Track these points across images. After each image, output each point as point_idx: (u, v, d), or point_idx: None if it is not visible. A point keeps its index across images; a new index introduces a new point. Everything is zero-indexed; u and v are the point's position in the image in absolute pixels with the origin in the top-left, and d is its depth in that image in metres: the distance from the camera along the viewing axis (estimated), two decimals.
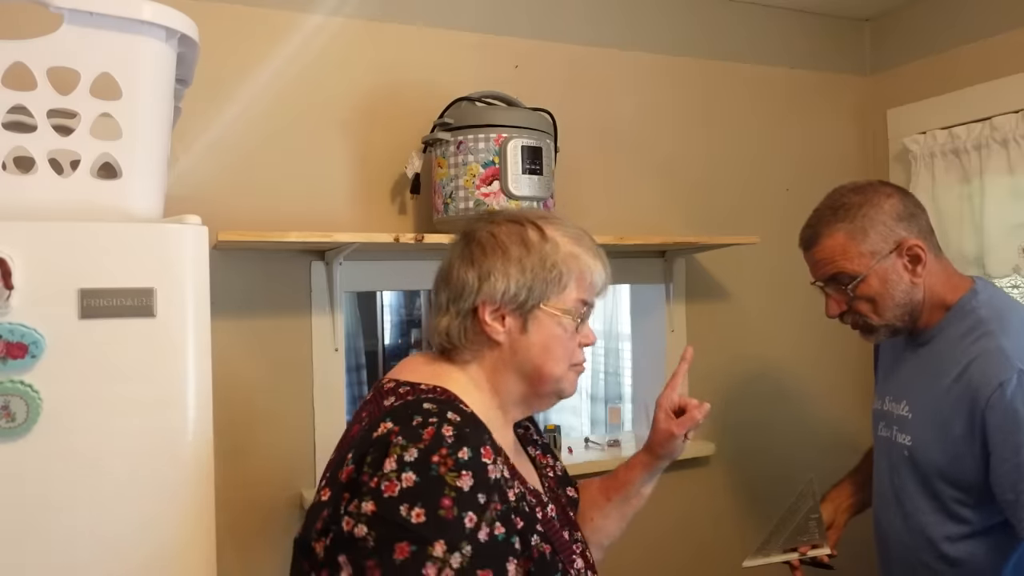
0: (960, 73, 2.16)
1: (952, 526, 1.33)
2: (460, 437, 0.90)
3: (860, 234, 1.34)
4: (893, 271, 1.33)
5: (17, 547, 0.95)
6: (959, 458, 1.29)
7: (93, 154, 1.06)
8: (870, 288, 1.34)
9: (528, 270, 1.03)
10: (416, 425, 0.91)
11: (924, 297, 1.35)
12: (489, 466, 0.90)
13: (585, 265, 1.06)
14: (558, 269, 1.04)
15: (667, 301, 2.14)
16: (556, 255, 1.05)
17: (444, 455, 0.88)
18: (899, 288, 1.34)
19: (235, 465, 1.67)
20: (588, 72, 2.07)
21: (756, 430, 2.26)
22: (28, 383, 0.96)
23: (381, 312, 5.57)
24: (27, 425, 0.96)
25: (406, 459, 0.87)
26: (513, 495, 0.96)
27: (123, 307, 1.01)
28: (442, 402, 0.97)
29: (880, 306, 1.35)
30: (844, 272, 1.35)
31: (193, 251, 1.06)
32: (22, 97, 1.01)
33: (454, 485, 0.87)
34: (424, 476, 0.86)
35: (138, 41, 1.06)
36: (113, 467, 1.00)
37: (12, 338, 0.95)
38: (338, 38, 1.81)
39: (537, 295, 1.04)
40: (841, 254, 1.35)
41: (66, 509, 0.98)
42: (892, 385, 1.48)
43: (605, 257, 1.10)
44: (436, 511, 0.85)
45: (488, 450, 0.91)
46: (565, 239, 1.06)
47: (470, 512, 0.86)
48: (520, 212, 1.12)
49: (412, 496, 0.85)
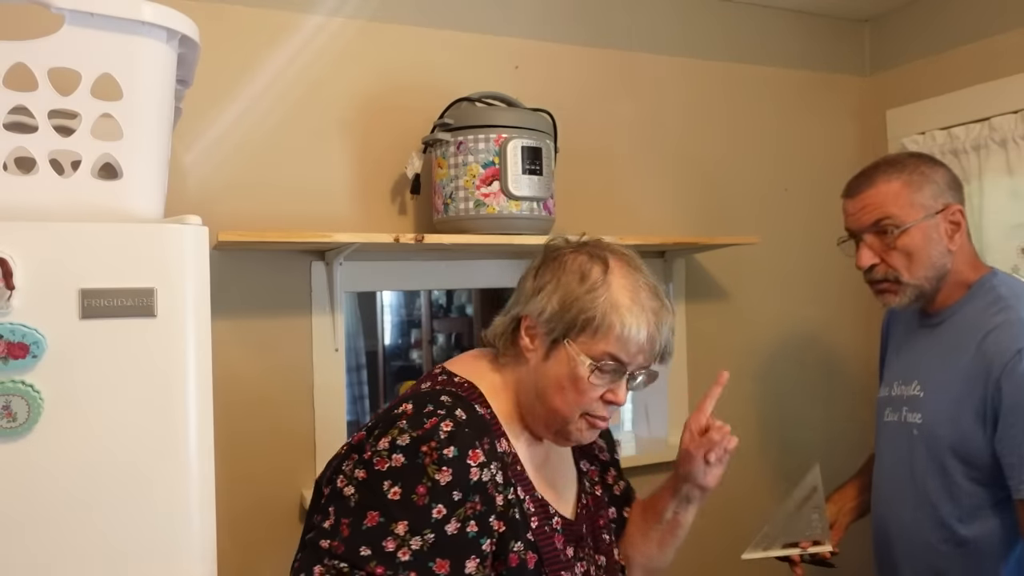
0: (959, 74, 2.16)
1: (963, 504, 1.33)
2: (453, 436, 0.96)
3: (915, 186, 1.37)
4: (935, 231, 1.37)
5: (17, 547, 0.96)
6: (971, 433, 1.30)
7: (94, 155, 1.06)
8: (912, 240, 1.36)
9: (570, 302, 1.03)
10: (425, 413, 0.98)
11: (951, 270, 1.38)
12: (473, 468, 0.95)
13: (622, 320, 1.02)
14: (595, 313, 1.01)
15: None
16: (600, 299, 1.02)
17: (432, 447, 0.94)
18: (936, 250, 1.37)
19: (235, 465, 1.67)
20: (588, 72, 2.07)
21: (756, 430, 2.27)
22: (29, 383, 0.96)
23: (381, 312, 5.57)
24: (28, 425, 0.96)
25: (398, 443, 0.96)
26: (502, 500, 0.99)
27: (124, 307, 1.01)
28: (460, 398, 1.03)
29: (915, 263, 1.37)
30: (893, 217, 1.37)
31: (193, 251, 1.06)
32: (23, 98, 1.01)
33: (432, 477, 0.93)
34: (411, 461, 0.94)
35: (139, 42, 1.06)
36: (114, 467, 1.00)
37: (13, 338, 0.95)
38: (338, 38, 1.81)
39: (565, 329, 1.03)
40: (894, 200, 1.37)
41: (67, 509, 0.98)
42: (901, 368, 1.49)
43: (661, 323, 1.05)
44: (410, 495, 0.93)
45: (477, 453, 0.96)
46: (623, 287, 1.03)
47: (440, 504, 0.93)
48: (610, 247, 1.09)
49: (395, 476, 0.94)
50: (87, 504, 0.99)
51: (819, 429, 2.35)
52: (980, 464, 1.30)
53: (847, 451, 2.35)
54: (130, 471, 1.01)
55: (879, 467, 1.52)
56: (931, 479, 1.37)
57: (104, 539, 0.99)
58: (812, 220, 2.35)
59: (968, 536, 1.33)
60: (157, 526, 1.02)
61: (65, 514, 0.98)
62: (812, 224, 2.35)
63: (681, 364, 2.16)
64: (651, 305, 1.04)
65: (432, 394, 1.02)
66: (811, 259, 2.35)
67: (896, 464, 1.45)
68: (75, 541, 0.98)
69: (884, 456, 1.50)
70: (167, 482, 1.03)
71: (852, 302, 2.40)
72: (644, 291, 1.04)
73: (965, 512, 1.33)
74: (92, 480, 0.99)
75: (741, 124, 2.27)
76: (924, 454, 1.38)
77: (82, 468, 0.99)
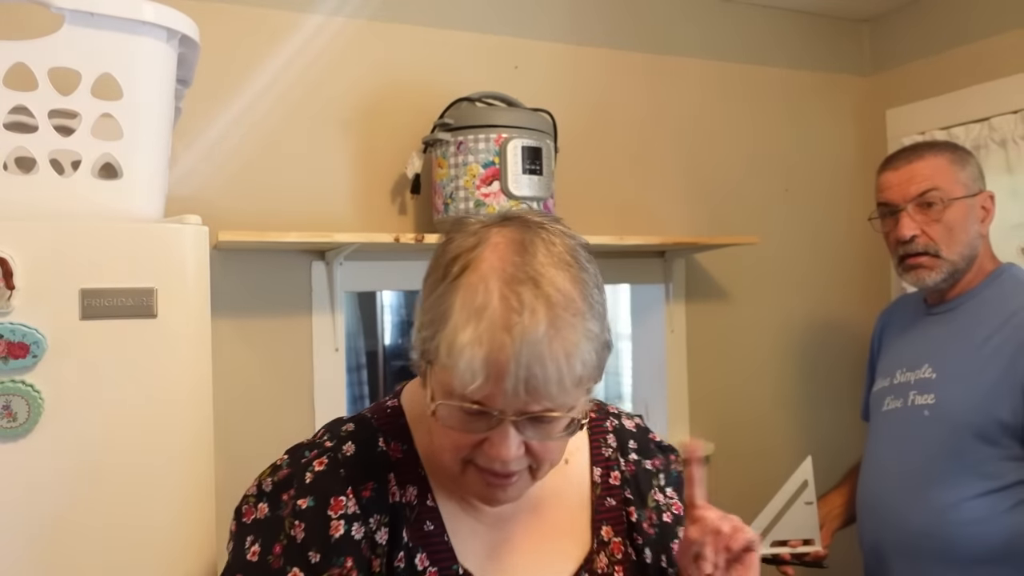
0: (959, 74, 2.16)
1: (974, 482, 1.32)
2: (316, 481, 0.78)
3: (961, 164, 1.44)
4: (972, 212, 1.42)
5: (17, 547, 0.96)
6: (990, 406, 1.30)
7: (94, 154, 1.06)
8: (956, 215, 1.40)
9: (422, 311, 0.75)
10: (306, 446, 0.83)
11: (978, 256, 1.43)
12: (333, 521, 0.76)
13: (450, 340, 0.68)
14: (433, 328, 0.71)
15: (667, 301, 2.14)
16: (442, 306, 0.70)
17: (290, 496, 0.78)
18: (972, 230, 1.42)
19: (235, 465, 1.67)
20: (588, 72, 2.07)
21: (756, 430, 2.26)
22: (29, 383, 0.96)
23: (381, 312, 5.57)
24: (28, 425, 0.96)
25: (263, 487, 0.80)
26: (379, 566, 0.77)
27: (124, 307, 1.01)
28: (368, 428, 0.83)
29: (954, 239, 1.40)
30: (940, 190, 1.41)
31: (193, 251, 1.07)
32: (23, 97, 1.01)
33: (288, 532, 0.76)
34: (272, 512, 0.78)
35: (139, 42, 1.06)
36: (114, 467, 1.00)
37: (13, 338, 0.95)
38: (338, 38, 1.81)
39: (421, 349, 0.74)
40: (943, 173, 1.41)
41: (67, 509, 0.98)
42: (906, 356, 1.50)
43: (518, 341, 0.66)
44: (266, 556, 0.76)
45: (340, 502, 0.76)
46: (471, 285, 0.69)
47: (295, 568, 0.75)
48: (513, 222, 0.75)
49: (256, 530, 0.78)
50: (87, 504, 0.99)
51: (818, 430, 2.35)
52: (996, 439, 1.30)
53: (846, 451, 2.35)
54: (130, 471, 1.01)
55: (875, 459, 1.51)
56: (941, 461, 1.36)
57: (104, 539, 0.99)
58: (812, 220, 2.35)
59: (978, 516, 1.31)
60: (157, 526, 1.02)
61: (65, 514, 0.98)
62: (812, 224, 2.35)
63: (681, 364, 2.16)
64: (502, 315, 0.66)
65: (336, 422, 0.85)
66: (811, 259, 2.35)
67: (901, 451, 1.43)
68: (75, 541, 0.98)
69: (883, 445, 1.49)
70: (167, 482, 1.03)
71: (852, 302, 2.41)
72: (507, 291, 0.67)
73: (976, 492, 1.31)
74: (92, 480, 0.99)
75: (741, 124, 2.27)
76: (937, 435, 1.37)
77: (82, 468, 0.99)
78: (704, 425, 2.19)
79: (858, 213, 2.19)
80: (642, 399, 2.26)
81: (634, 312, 2.33)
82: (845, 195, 2.38)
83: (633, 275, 2.13)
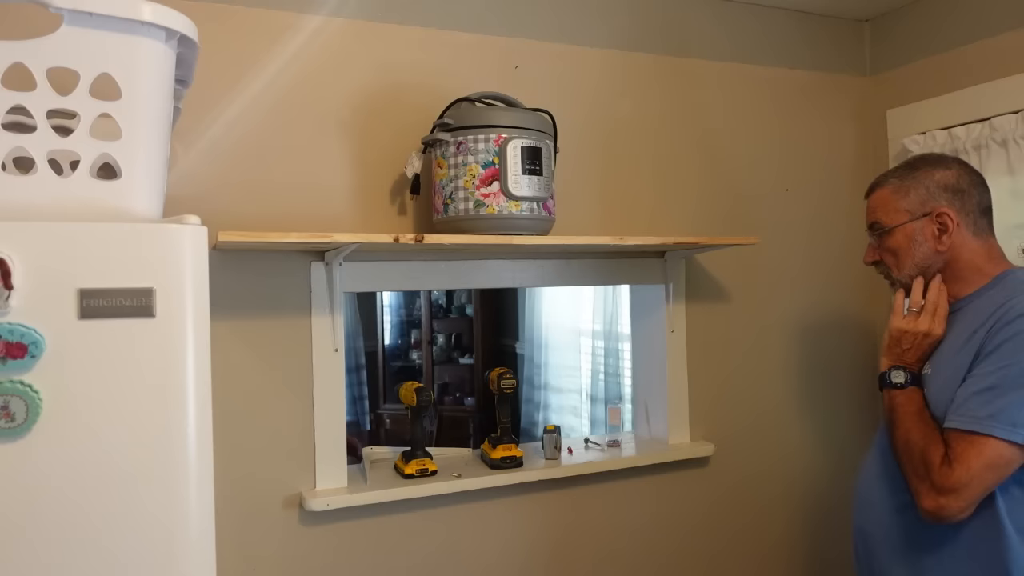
0: (960, 73, 2.16)
1: None
2: None
3: (903, 192, 1.49)
4: (920, 233, 1.47)
5: (17, 547, 0.95)
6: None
7: (93, 154, 1.06)
8: (895, 242, 1.49)
9: None
10: None
11: (961, 265, 1.45)
12: None
13: None
14: None
15: (667, 301, 2.14)
16: None
17: None
18: (921, 250, 1.47)
19: (235, 465, 1.67)
20: (588, 72, 2.07)
21: (756, 430, 2.26)
22: (28, 383, 0.96)
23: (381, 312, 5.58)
24: (27, 425, 0.96)
25: None
26: None
27: (123, 307, 1.01)
28: None
29: (900, 261, 1.49)
30: (879, 222, 1.52)
31: (193, 251, 1.06)
32: (22, 97, 1.01)
33: None
34: None
35: (138, 42, 1.06)
36: (112, 467, 1.00)
37: (12, 338, 0.95)
38: (338, 38, 1.81)
39: None
40: (882, 205, 1.51)
41: (65, 509, 0.98)
42: None
43: None
44: None
45: None
46: None
47: None
48: None
49: None
50: (86, 504, 0.99)
51: (819, 430, 2.35)
52: None
53: (847, 452, 2.35)
54: (129, 471, 1.01)
55: (873, 447, 1.55)
56: None
57: (103, 539, 0.99)
58: (812, 220, 2.35)
59: None
60: (156, 526, 1.02)
61: (64, 514, 0.98)
62: (812, 224, 2.35)
63: (681, 364, 2.16)
64: None
65: None
66: (811, 259, 2.35)
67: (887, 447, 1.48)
68: (74, 541, 0.98)
69: (882, 435, 1.53)
70: (166, 482, 1.03)
71: (852, 302, 2.41)
72: None
73: None
74: (91, 480, 0.99)
75: (741, 124, 2.27)
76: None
77: (81, 468, 0.98)
78: (704, 425, 2.19)
79: (858, 213, 2.18)
80: (642, 399, 2.26)
81: (634, 312, 2.33)
82: (845, 195, 2.37)
83: (633, 275, 2.13)
